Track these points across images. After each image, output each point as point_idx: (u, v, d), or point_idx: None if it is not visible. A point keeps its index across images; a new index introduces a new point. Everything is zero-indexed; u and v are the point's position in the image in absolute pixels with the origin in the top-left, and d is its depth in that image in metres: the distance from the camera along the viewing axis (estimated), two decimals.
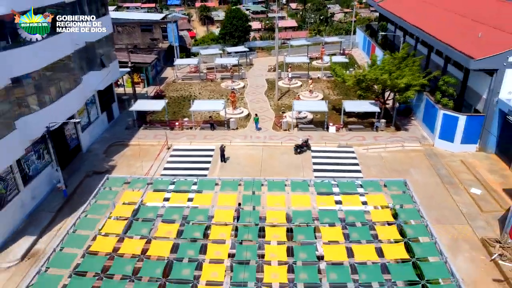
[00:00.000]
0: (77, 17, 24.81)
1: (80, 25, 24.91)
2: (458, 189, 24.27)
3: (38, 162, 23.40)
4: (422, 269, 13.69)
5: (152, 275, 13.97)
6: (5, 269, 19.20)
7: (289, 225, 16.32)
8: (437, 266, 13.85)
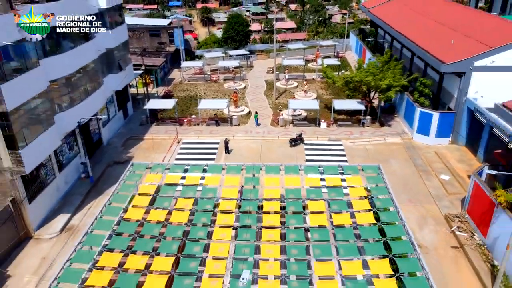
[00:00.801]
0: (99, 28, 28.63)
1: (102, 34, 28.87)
2: (430, 176, 28.18)
3: (69, 153, 27.31)
4: (385, 229, 17.57)
5: (174, 236, 17.85)
6: (48, 239, 23.12)
7: (282, 200, 20.20)
8: (398, 228, 17.70)
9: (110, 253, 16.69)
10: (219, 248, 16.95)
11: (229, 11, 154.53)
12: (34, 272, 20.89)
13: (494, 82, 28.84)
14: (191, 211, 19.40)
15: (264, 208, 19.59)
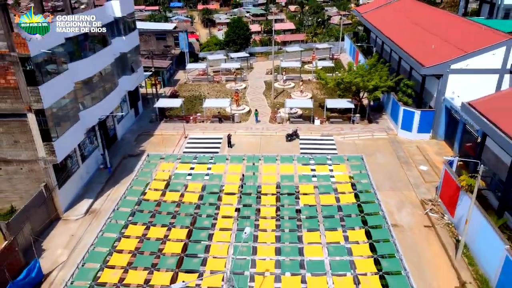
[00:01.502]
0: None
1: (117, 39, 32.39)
2: (411, 167, 31.62)
3: (90, 146, 30.78)
4: (363, 207, 21.02)
5: (187, 213, 21.30)
6: (75, 220, 26.56)
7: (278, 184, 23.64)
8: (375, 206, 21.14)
9: (134, 225, 20.15)
10: (225, 221, 20.41)
11: (229, 12, 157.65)
12: (65, 246, 24.35)
13: (468, 83, 32.25)
14: (200, 193, 22.86)
15: (262, 191, 23.05)
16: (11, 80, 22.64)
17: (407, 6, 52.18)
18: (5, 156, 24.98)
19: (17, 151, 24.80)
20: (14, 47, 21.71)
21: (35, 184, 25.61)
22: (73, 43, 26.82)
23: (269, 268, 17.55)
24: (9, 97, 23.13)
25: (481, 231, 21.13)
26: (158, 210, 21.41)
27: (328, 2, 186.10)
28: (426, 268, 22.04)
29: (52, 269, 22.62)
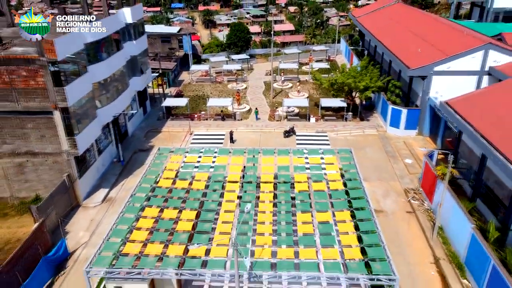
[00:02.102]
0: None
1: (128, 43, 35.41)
2: (397, 160, 34.66)
3: (105, 141, 33.79)
4: (350, 192, 23.98)
5: (195, 197, 24.28)
6: (93, 207, 29.61)
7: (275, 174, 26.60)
8: (359, 191, 24.10)
9: (149, 208, 23.12)
10: (228, 205, 23.39)
11: (230, 13, 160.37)
12: (86, 229, 27.42)
13: (450, 84, 35.26)
14: (206, 181, 25.84)
15: (261, 179, 26.02)
16: (40, 81, 25.65)
17: (398, 10, 55.20)
18: (33, 149, 28.01)
19: (43, 144, 27.82)
20: (44, 53, 24.70)
21: (58, 174, 28.64)
22: (91, 48, 29.81)
23: (267, 242, 20.54)
24: (38, 96, 26.16)
25: (453, 213, 24.15)
26: (170, 195, 24.37)
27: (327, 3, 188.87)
28: (405, 247, 25.10)
29: (75, 248, 25.70)
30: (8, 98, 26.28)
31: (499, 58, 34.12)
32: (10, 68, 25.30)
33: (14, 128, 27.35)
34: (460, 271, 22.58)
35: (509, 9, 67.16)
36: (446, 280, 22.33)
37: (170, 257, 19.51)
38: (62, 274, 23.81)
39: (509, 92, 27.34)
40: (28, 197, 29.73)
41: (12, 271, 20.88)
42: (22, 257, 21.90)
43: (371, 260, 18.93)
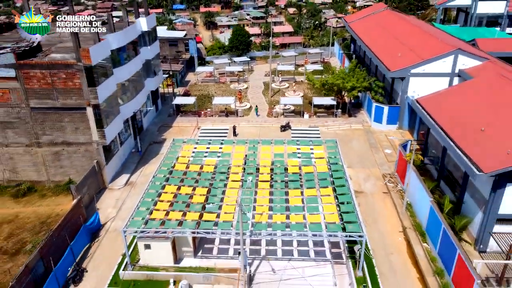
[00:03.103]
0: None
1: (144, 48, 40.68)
2: (378, 151, 39.87)
3: (125, 134, 39.01)
4: (333, 174, 29.21)
5: (206, 178, 29.49)
6: (117, 189, 34.82)
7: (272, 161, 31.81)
8: (340, 173, 29.31)
9: (169, 186, 28.31)
10: (233, 184, 28.61)
11: (230, 14, 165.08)
12: (113, 207, 32.65)
13: (425, 84, 40.41)
14: (214, 166, 31.06)
15: (260, 164, 31.25)
16: (77, 82, 30.86)
17: (385, 17, 60.39)
18: (68, 140, 33.26)
19: (77, 135, 33.06)
20: (81, 59, 29.93)
21: (88, 161, 33.87)
22: (115, 53, 35.03)
23: (265, 210, 25.76)
24: (74, 95, 31.37)
25: (418, 191, 29.36)
26: (185, 176, 29.55)
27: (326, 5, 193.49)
28: (380, 219, 30.35)
29: (105, 221, 30.93)
30: (50, 97, 31.50)
31: (467, 62, 39.33)
32: (52, 71, 30.51)
33: (53, 121, 32.58)
34: (422, 237, 27.79)
35: (492, 14, 72.45)
36: (411, 244, 27.56)
37: (188, 221, 24.74)
38: (97, 240, 29.04)
39: (468, 92, 32.55)
40: (62, 181, 34.96)
41: (61, 234, 26.10)
42: (66, 225, 27.10)
43: (346, 222, 24.16)
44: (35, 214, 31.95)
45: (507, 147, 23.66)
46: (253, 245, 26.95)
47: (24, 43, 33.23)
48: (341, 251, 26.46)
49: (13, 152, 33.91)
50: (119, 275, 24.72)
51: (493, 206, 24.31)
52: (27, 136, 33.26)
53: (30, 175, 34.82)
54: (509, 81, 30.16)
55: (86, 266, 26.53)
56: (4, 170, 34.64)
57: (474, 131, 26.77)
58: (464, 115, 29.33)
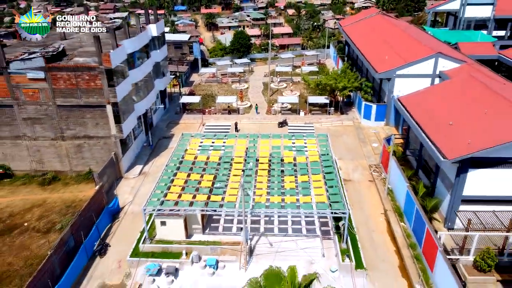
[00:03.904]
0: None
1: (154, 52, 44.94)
2: (366, 144, 44.10)
3: (138, 129, 43.25)
4: (323, 163, 33.43)
5: (212, 167, 33.73)
6: (132, 178, 39.06)
7: (270, 152, 36.03)
8: (329, 162, 33.54)
9: (180, 173, 32.55)
10: (236, 172, 32.86)
11: (231, 16, 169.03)
12: (129, 193, 36.88)
13: (410, 84, 44.53)
14: (219, 157, 35.28)
15: (260, 155, 35.48)
16: (98, 83, 35.09)
17: (377, 22, 64.61)
18: (89, 134, 37.50)
19: (97, 130, 37.30)
20: (102, 62, 34.16)
21: (107, 153, 38.11)
22: (129, 57, 39.26)
23: (263, 193, 29.96)
24: (96, 94, 35.60)
25: (398, 179, 33.58)
26: (194, 166, 33.77)
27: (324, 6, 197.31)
28: (364, 203, 34.59)
29: (123, 205, 35.17)
30: (74, 96, 35.74)
31: (447, 64, 43.57)
32: (77, 73, 34.75)
33: (76, 117, 36.82)
34: (400, 217, 32.03)
35: (479, 18, 76.46)
36: (390, 223, 31.81)
37: (197, 202, 28.99)
38: (117, 221, 33.29)
39: (443, 91, 36.78)
40: (83, 171, 39.22)
41: (87, 215, 30.33)
42: (91, 207, 31.32)
43: (333, 202, 28.40)
44: (61, 200, 36.20)
45: (469, 138, 27.89)
46: (253, 224, 31.21)
47: (50, 48, 37.44)
48: (329, 229, 30.71)
49: (40, 145, 38.16)
50: (139, 248, 28.94)
51: (458, 189, 28.52)
52: (53, 131, 37.50)
53: (54, 165, 39.06)
54: (478, 82, 34.40)
55: (109, 242, 30.80)
56: (31, 161, 38.89)
57: (444, 125, 30.99)
58: (437, 112, 33.55)
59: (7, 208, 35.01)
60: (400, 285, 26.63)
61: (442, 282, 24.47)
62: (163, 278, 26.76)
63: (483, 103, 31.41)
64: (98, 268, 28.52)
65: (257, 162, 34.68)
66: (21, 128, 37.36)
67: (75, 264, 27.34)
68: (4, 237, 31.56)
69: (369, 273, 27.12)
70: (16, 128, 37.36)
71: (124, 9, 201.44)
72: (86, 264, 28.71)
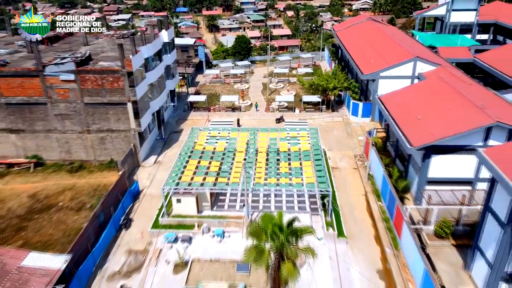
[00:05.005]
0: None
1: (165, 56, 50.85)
2: (353, 137, 49.98)
3: (152, 124, 49.13)
4: (313, 152, 39.33)
5: (219, 155, 39.61)
6: (148, 166, 44.93)
7: (268, 144, 41.88)
8: (318, 151, 39.41)
9: (191, 160, 38.46)
10: (239, 159, 38.75)
11: (231, 17, 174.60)
12: (146, 178, 42.74)
13: (392, 85, 50.29)
14: (224, 148, 41.16)
15: (259, 146, 41.37)
16: (120, 84, 40.94)
17: (366, 27, 70.47)
18: (111, 128, 43.36)
19: (119, 124, 43.15)
20: (124, 66, 40.01)
21: (127, 145, 43.96)
22: (146, 61, 45.13)
23: (262, 176, 35.83)
24: (118, 93, 41.44)
25: (377, 165, 39.44)
26: (202, 154, 39.65)
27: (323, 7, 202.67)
28: (348, 186, 40.44)
29: (142, 189, 41.03)
30: (99, 95, 41.58)
31: (424, 67, 49.35)
32: (102, 75, 40.60)
33: (101, 113, 42.66)
34: (377, 198, 37.87)
35: (464, 23, 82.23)
36: (369, 202, 37.66)
37: (207, 183, 34.87)
38: (137, 201, 39.15)
39: (416, 91, 42.62)
40: (105, 160, 45.07)
41: (113, 194, 36.18)
42: (116, 189, 37.15)
43: (320, 182, 34.27)
44: (88, 184, 42.07)
45: (432, 130, 33.74)
46: (253, 203, 37.08)
47: (78, 54, 43.32)
48: (317, 206, 36.58)
49: (69, 137, 44.02)
50: (159, 221, 34.81)
51: (423, 172, 34.36)
52: (80, 125, 43.35)
53: (80, 155, 44.93)
54: (445, 83, 40.25)
55: (132, 217, 36.68)
56: (61, 151, 44.77)
57: (414, 119, 36.83)
58: (410, 108, 39.38)
59: (43, 191, 40.87)
60: (374, 250, 32.47)
61: (407, 246, 30.31)
62: (180, 244, 32.63)
63: (447, 101, 37.26)
64: (124, 238, 34.36)
65: (256, 152, 40.55)
66: (53, 123, 43.20)
67: (106, 234, 33.17)
68: (43, 214, 37.41)
69: (349, 241, 32.96)
70: (48, 123, 43.20)
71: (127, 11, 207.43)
72: (115, 235, 34.56)
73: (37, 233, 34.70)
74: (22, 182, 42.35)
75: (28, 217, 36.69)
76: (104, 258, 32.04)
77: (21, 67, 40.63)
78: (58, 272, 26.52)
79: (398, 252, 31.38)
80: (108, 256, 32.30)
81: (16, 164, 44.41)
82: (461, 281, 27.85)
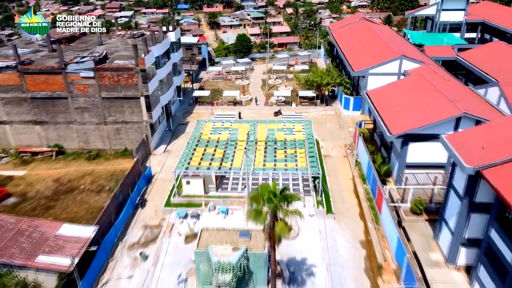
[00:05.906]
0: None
1: (172, 54, 55.63)
2: (344, 129, 54.84)
3: (161, 117, 53.99)
4: (307, 141, 44.22)
5: (223, 144, 44.49)
6: (159, 155, 49.82)
7: (267, 135, 46.73)
8: (311, 140, 44.29)
9: (198, 148, 43.36)
10: (240, 147, 43.64)
11: (232, 14, 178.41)
12: (157, 165, 47.65)
13: (380, 81, 55.04)
14: (227, 138, 46.04)
15: (258, 135, 46.24)
16: (135, 80, 45.75)
17: (359, 27, 75.10)
18: (126, 119, 48.22)
19: (132, 116, 48.01)
20: (138, 64, 44.81)
21: (139, 135, 48.83)
22: (156, 59, 49.91)
23: (261, 161, 40.73)
24: (132, 89, 46.26)
25: (362, 152, 44.31)
26: (208, 143, 44.55)
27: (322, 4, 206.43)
28: (338, 172, 45.35)
29: (154, 174, 45.95)
30: (115, 90, 46.39)
31: (409, 65, 54.11)
32: (118, 73, 45.39)
33: (116, 107, 47.48)
34: (363, 181, 42.79)
35: (453, 22, 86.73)
36: (356, 185, 42.59)
37: (213, 167, 39.80)
38: (150, 185, 44.08)
39: (399, 86, 47.43)
40: (120, 149, 49.95)
41: (129, 177, 41.10)
42: (132, 173, 42.05)
43: (311, 166, 39.18)
44: (105, 170, 46.99)
45: (410, 120, 38.59)
46: (253, 186, 42.01)
47: (96, 53, 48.10)
48: (310, 189, 41.51)
49: (87, 128, 48.90)
50: (171, 201, 39.75)
51: (402, 157, 39.24)
52: (97, 117, 48.19)
53: (97, 145, 49.81)
54: (425, 79, 45.05)
55: (147, 198, 41.63)
56: (80, 141, 49.66)
57: (395, 111, 41.68)
58: (392, 102, 44.21)
59: (65, 176, 45.80)
60: (358, 224, 37.42)
61: (386, 220, 35.23)
62: (189, 220, 37.58)
63: (425, 95, 42.07)
64: (140, 215, 39.32)
65: (256, 141, 45.46)
66: (73, 115, 48.06)
67: (125, 212, 38.11)
68: (68, 195, 42.32)
69: (337, 217, 37.90)
70: (69, 115, 48.05)
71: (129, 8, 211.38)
72: (132, 213, 39.51)
73: (64, 210, 39.63)
74: (46, 168, 47.27)
75: (54, 198, 41.63)
76: (123, 232, 36.97)
77: (46, 65, 45.45)
78: (88, 239, 31.51)
79: (379, 226, 36.34)
80: (127, 230, 37.23)
81: (39, 153, 49.30)
82: (430, 248, 32.80)
